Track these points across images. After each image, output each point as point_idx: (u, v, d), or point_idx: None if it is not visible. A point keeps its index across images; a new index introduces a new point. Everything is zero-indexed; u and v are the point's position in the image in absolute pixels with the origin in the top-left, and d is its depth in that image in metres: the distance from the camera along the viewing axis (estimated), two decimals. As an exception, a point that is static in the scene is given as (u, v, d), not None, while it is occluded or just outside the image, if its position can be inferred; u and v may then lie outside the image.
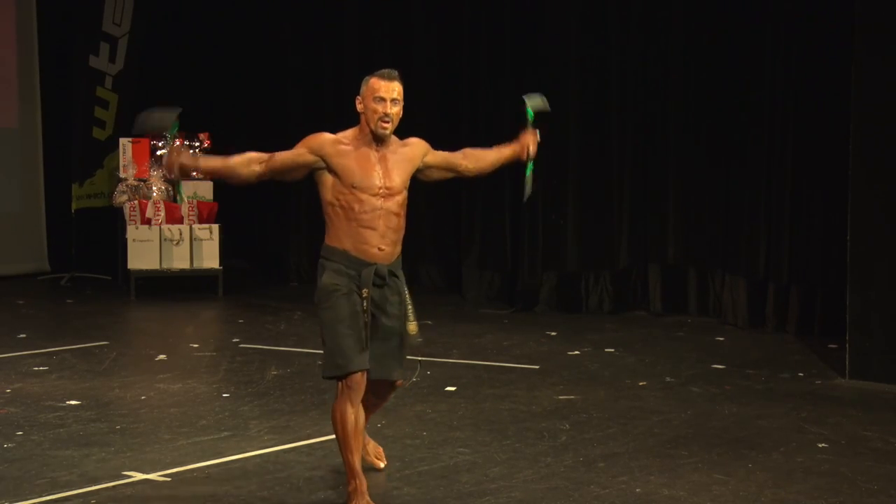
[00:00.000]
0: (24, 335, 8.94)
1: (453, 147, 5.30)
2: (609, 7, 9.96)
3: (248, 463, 5.68)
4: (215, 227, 10.94)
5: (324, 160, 4.90)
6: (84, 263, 11.90)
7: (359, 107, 4.94)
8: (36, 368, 7.77)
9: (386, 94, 4.87)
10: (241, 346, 8.62)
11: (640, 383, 7.47)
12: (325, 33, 11.59)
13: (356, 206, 4.86)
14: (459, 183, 4.60)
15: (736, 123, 9.41)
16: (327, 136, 4.95)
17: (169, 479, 5.41)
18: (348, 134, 4.98)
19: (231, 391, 7.20)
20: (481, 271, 10.60)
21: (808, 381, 7.60)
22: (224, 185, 11.31)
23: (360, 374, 4.85)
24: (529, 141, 5.24)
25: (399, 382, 5.11)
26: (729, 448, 5.97)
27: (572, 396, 7.08)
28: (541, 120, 5.25)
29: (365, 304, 4.86)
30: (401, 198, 4.97)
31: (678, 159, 9.76)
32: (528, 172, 5.17)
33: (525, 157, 5.22)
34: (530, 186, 5.24)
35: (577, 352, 8.46)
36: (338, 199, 4.90)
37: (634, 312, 9.97)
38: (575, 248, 10.04)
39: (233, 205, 11.46)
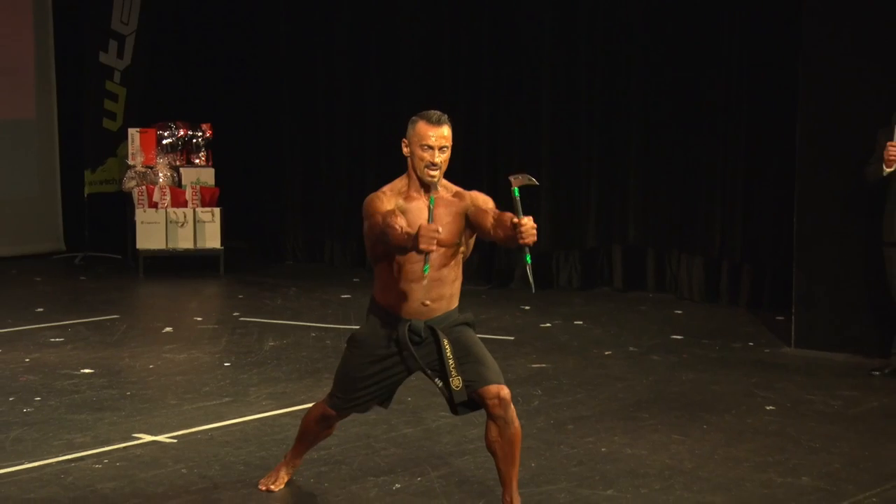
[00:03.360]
0: (41, 309, 8.92)
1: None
2: (578, 10, 9.95)
3: (248, 426, 5.70)
4: (217, 210, 10.91)
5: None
6: (96, 244, 11.86)
7: (405, 150, 4.29)
8: (52, 340, 7.76)
9: (435, 142, 4.22)
10: (241, 319, 8.61)
11: (606, 353, 7.50)
12: (316, 33, 11.53)
13: (403, 261, 4.24)
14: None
15: (693, 116, 9.42)
16: (384, 198, 4.25)
17: (175, 441, 5.42)
18: (398, 185, 4.31)
19: (232, 361, 7.20)
20: (464, 258, 10.57)
21: (758, 349, 7.64)
22: (225, 171, 11.36)
23: (343, 415, 4.54)
24: (522, 228, 4.06)
25: (501, 389, 4.26)
26: (686, 411, 6.01)
27: (544, 365, 7.10)
28: (528, 195, 4.24)
29: (404, 364, 4.32)
30: (450, 251, 4.30)
31: (640, 148, 9.77)
32: (528, 261, 4.14)
33: (518, 242, 4.08)
34: (532, 276, 4.24)
35: (548, 324, 8.48)
36: (388, 255, 4.26)
37: (600, 288, 10.01)
38: (547, 231, 10.04)
39: (233, 190, 11.45)
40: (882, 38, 7.21)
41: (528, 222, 4.04)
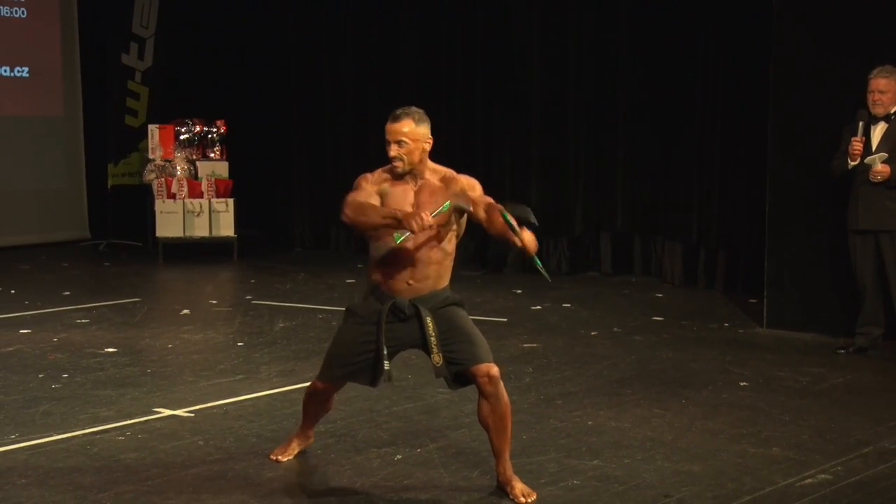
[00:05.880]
0: (68, 293, 8.91)
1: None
2: (568, 12, 9.92)
3: (260, 401, 5.70)
4: (230, 200, 10.91)
5: (379, 196, 4.29)
6: (119, 232, 11.86)
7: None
8: (79, 321, 7.76)
9: (391, 136, 4.25)
10: (253, 302, 8.61)
11: (592, 333, 7.49)
12: (323, 35, 11.51)
13: (389, 240, 4.19)
14: (436, 158, 4.38)
15: (674, 113, 9.41)
16: (370, 178, 4.35)
17: (192, 415, 5.42)
18: (387, 170, 4.36)
19: (245, 340, 7.20)
20: (457, 238, 10.56)
21: (733, 330, 7.64)
22: (238, 164, 11.35)
23: (331, 386, 4.54)
24: (525, 241, 4.18)
25: (491, 368, 4.22)
26: (666, 387, 6.01)
27: (535, 345, 7.10)
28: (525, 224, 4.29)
29: (381, 336, 4.25)
30: (434, 234, 4.24)
31: (625, 144, 9.75)
32: (538, 263, 4.23)
33: (527, 254, 4.19)
34: (545, 272, 4.32)
35: (539, 307, 8.48)
36: (377, 232, 4.26)
37: (587, 273, 10.00)
38: (537, 219, 10.01)
39: (246, 182, 11.44)
40: (847, 40, 7.19)
41: (529, 238, 4.13)
